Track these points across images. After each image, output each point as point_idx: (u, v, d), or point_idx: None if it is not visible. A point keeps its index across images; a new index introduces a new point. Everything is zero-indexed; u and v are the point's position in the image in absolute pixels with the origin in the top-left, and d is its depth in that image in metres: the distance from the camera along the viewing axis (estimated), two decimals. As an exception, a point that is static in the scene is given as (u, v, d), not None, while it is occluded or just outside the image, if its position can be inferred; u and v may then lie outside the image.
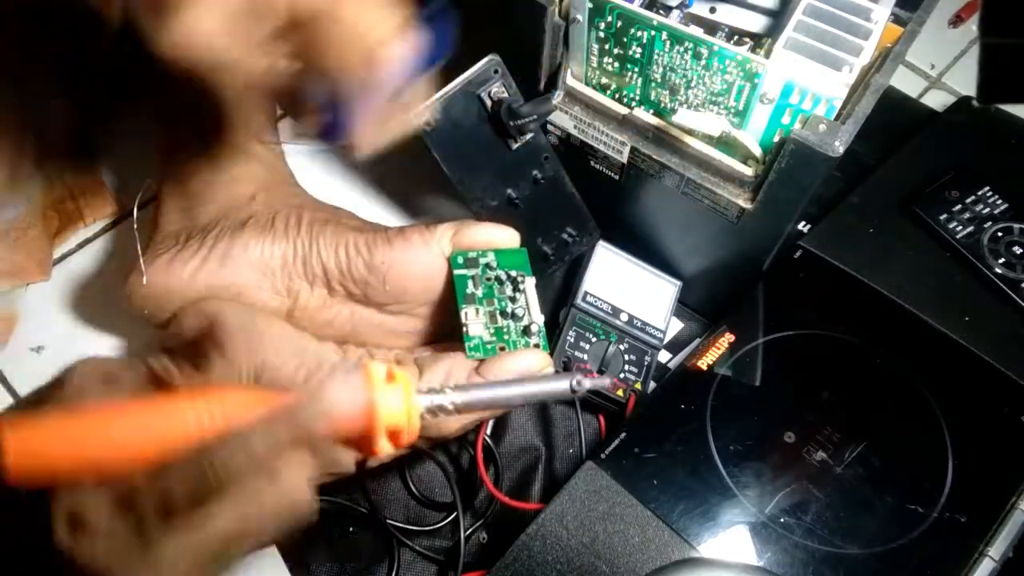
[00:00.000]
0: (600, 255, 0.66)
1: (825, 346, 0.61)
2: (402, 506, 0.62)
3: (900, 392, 0.58)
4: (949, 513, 0.53)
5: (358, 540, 0.60)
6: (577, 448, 0.62)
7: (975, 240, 0.65)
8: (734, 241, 0.58)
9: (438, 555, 0.59)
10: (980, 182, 0.68)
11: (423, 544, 0.60)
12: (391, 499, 0.62)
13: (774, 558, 0.51)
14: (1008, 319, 0.62)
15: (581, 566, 0.51)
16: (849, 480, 0.54)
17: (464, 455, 0.63)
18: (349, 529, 0.60)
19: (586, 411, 0.64)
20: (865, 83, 0.49)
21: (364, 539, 0.60)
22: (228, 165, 0.60)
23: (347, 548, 0.60)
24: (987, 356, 0.59)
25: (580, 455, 0.60)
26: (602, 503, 0.53)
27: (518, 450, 0.63)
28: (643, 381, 0.62)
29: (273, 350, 0.51)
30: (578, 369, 0.60)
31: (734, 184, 0.54)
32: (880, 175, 0.71)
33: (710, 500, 0.53)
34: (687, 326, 0.70)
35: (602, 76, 0.56)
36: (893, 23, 0.52)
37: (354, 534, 0.60)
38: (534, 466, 0.62)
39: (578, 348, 0.62)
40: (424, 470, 0.63)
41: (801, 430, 0.56)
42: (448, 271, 0.56)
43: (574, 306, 0.64)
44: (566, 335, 0.63)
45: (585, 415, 0.64)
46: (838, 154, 0.46)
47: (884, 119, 0.54)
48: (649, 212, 0.62)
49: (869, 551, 0.52)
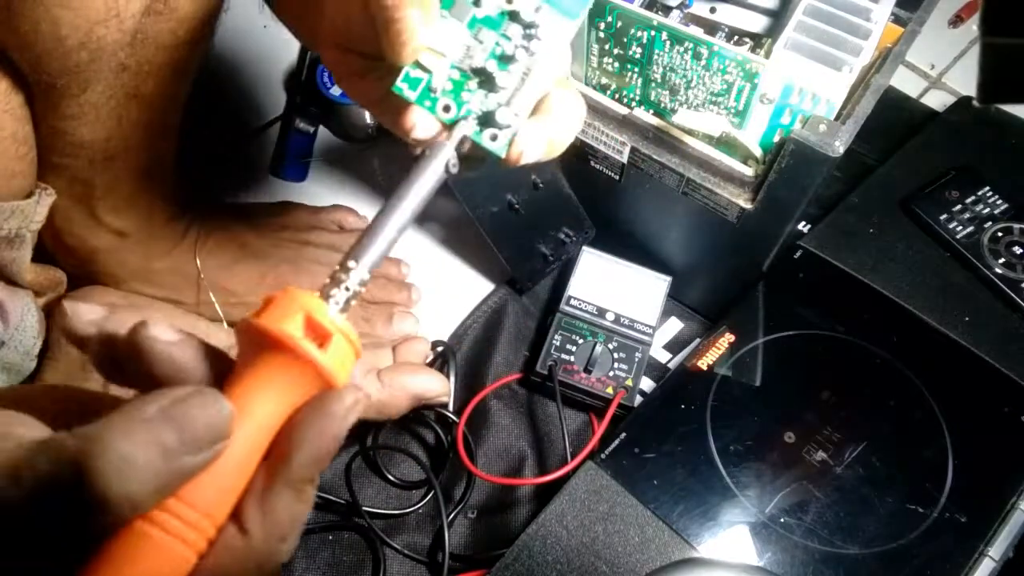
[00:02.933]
0: (585, 259, 0.67)
1: (825, 346, 0.61)
2: (381, 500, 0.63)
3: (900, 392, 0.58)
4: (949, 513, 0.53)
5: (336, 543, 0.61)
6: (561, 445, 0.62)
7: (975, 240, 0.65)
8: (734, 241, 0.58)
9: (420, 555, 0.60)
10: (980, 182, 0.68)
11: (403, 542, 0.60)
12: (370, 496, 0.63)
13: (774, 558, 0.51)
14: (1008, 319, 0.62)
15: (581, 566, 0.51)
16: (849, 480, 0.54)
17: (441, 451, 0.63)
18: (328, 537, 0.61)
19: (575, 408, 0.65)
20: (865, 83, 0.49)
21: (344, 541, 0.61)
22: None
23: (329, 552, 0.60)
24: (987, 356, 0.59)
25: (565, 454, 0.60)
26: (602, 503, 0.53)
27: (501, 449, 0.64)
28: (634, 376, 0.62)
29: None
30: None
31: (734, 184, 0.54)
32: (880, 175, 0.71)
33: (710, 500, 0.53)
34: (687, 326, 0.70)
35: (602, 76, 0.56)
36: (893, 23, 0.52)
37: (333, 541, 0.61)
38: (518, 468, 0.63)
39: (564, 351, 0.63)
40: (402, 468, 0.64)
41: (801, 430, 0.56)
42: None
43: (559, 311, 0.64)
44: (551, 340, 0.63)
45: (575, 413, 0.65)
46: (838, 154, 0.46)
47: (884, 119, 0.54)
48: (649, 212, 0.62)
49: (869, 551, 0.52)
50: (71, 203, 0.54)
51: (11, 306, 0.54)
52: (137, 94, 0.48)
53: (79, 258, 0.58)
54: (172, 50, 0.48)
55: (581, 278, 0.66)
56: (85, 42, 0.43)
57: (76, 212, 0.55)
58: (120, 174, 0.53)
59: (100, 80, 0.46)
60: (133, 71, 0.47)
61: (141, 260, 0.60)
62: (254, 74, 0.81)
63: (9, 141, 0.47)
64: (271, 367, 0.26)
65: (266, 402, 0.26)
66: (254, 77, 0.81)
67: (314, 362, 0.26)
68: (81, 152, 0.50)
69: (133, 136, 0.51)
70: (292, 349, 0.26)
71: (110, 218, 0.56)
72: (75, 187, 0.53)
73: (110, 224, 0.56)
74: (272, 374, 0.26)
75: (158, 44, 0.47)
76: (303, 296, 0.27)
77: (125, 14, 0.43)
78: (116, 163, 0.52)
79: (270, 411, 0.26)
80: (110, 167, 0.52)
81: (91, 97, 0.47)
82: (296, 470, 0.25)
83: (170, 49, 0.47)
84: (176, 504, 0.24)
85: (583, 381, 0.62)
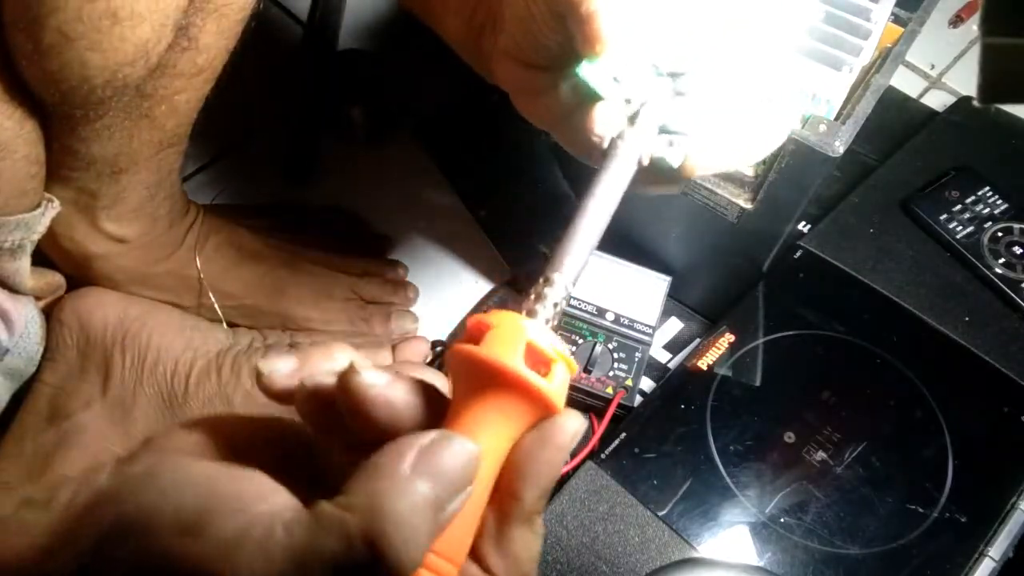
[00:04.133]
0: None
1: (825, 346, 0.61)
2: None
3: (900, 392, 0.58)
4: (949, 513, 0.53)
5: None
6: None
7: (975, 240, 0.65)
8: (734, 241, 0.58)
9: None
10: (980, 182, 0.68)
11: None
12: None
13: (774, 558, 0.51)
14: (1008, 319, 0.62)
15: (581, 566, 0.51)
16: (849, 480, 0.54)
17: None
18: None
19: (575, 408, 0.64)
20: (865, 83, 0.49)
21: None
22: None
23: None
24: (987, 356, 0.59)
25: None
26: (602, 503, 0.53)
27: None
28: (634, 376, 0.62)
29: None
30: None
31: (734, 184, 0.53)
32: (880, 175, 0.71)
33: (710, 500, 0.53)
34: (687, 326, 0.70)
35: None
36: (893, 23, 0.52)
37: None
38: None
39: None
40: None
41: (801, 430, 0.56)
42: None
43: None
44: None
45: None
46: (838, 154, 0.46)
47: (884, 119, 0.54)
48: (649, 212, 0.62)
49: (869, 551, 0.52)
50: (74, 211, 0.54)
51: (16, 315, 0.54)
52: (150, 115, 0.49)
53: (77, 263, 0.58)
54: (191, 78, 0.48)
55: (581, 278, 0.66)
56: (111, 80, 0.43)
57: (78, 220, 0.55)
58: (127, 186, 0.53)
59: (119, 108, 0.47)
60: (149, 95, 0.47)
61: (140, 265, 0.60)
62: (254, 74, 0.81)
63: (22, 163, 0.47)
64: (497, 401, 0.25)
65: (492, 436, 0.25)
66: (254, 77, 0.81)
67: (542, 395, 0.25)
68: (91, 167, 0.51)
69: (142, 152, 0.51)
70: (522, 384, 0.24)
71: (112, 227, 0.56)
72: (81, 198, 0.53)
73: (112, 232, 0.56)
74: (499, 408, 0.25)
75: (178, 73, 0.47)
76: (518, 321, 0.25)
77: (152, 53, 0.43)
78: (123, 176, 0.53)
79: (496, 445, 0.25)
80: (117, 180, 0.53)
81: (107, 121, 0.47)
82: (528, 505, 0.25)
83: (189, 77, 0.48)
84: (428, 557, 0.23)
85: (583, 381, 0.62)
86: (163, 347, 0.59)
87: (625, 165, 0.30)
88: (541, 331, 0.25)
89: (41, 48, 0.40)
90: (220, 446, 0.25)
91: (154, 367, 0.58)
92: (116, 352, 0.58)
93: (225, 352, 0.60)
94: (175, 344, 0.59)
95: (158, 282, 0.61)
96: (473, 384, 0.25)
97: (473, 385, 0.25)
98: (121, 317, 0.59)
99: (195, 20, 0.45)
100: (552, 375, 0.25)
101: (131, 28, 0.40)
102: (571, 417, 0.25)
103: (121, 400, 0.57)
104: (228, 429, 0.26)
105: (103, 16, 0.39)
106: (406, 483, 0.21)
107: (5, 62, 0.42)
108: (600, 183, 0.29)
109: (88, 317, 0.58)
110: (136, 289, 0.61)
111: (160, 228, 0.59)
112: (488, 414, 0.25)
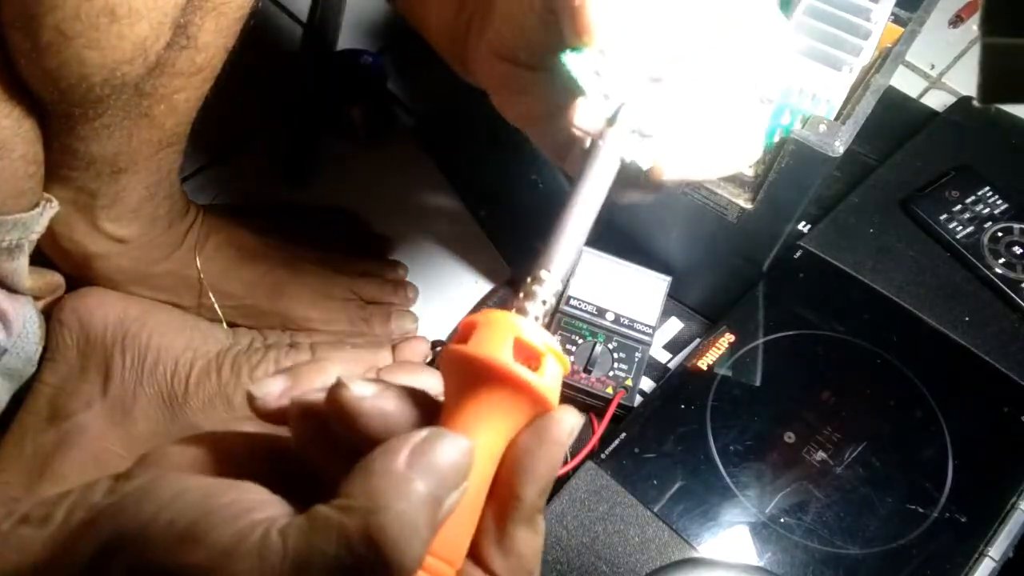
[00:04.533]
0: (585, 259, 0.66)
1: (825, 346, 0.61)
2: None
3: (900, 392, 0.58)
4: (949, 513, 0.53)
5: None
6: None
7: (975, 240, 0.65)
8: (734, 241, 0.58)
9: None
10: (980, 182, 0.68)
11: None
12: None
13: (774, 558, 0.51)
14: (1008, 319, 0.62)
15: (581, 566, 0.51)
16: (849, 480, 0.54)
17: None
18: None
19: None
20: (865, 83, 0.49)
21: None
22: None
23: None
24: (987, 356, 0.59)
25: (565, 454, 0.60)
26: (602, 503, 0.53)
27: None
28: (634, 376, 0.62)
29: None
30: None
31: (734, 184, 0.54)
32: (880, 175, 0.71)
33: (710, 500, 0.53)
34: (687, 326, 0.70)
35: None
36: (893, 23, 0.52)
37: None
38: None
39: (564, 351, 0.62)
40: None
41: (801, 430, 0.56)
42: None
43: (558, 311, 0.64)
44: None
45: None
46: (838, 154, 0.46)
47: (884, 119, 0.54)
48: (649, 212, 0.62)
49: (869, 551, 0.52)
50: (73, 211, 0.54)
51: (14, 315, 0.54)
52: (149, 114, 0.49)
53: (76, 263, 0.58)
54: (190, 76, 0.48)
55: (581, 278, 0.66)
56: (109, 78, 0.43)
57: (77, 220, 0.55)
58: (126, 186, 0.53)
59: (118, 107, 0.47)
60: (148, 93, 0.47)
61: (140, 265, 0.60)
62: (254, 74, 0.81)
63: (20, 162, 0.47)
64: (488, 397, 0.25)
65: (486, 433, 0.24)
66: (254, 77, 0.81)
67: (532, 388, 0.24)
68: (90, 167, 0.51)
69: (141, 151, 0.51)
70: (510, 378, 0.24)
71: (112, 227, 0.56)
72: (80, 197, 0.53)
73: (111, 232, 0.56)
74: (490, 404, 0.25)
75: (176, 72, 0.47)
76: (506, 317, 0.25)
77: (151, 51, 0.43)
78: (123, 176, 0.52)
79: (490, 442, 0.25)
80: (117, 180, 0.53)
81: (105, 120, 0.47)
82: (528, 503, 0.24)
83: (188, 76, 0.48)
84: (426, 559, 0.22)
85: (583, 381, 0.62)
86: (163, 347, 0.59)
87: (607, 164, 0.30)
88: (530, 326, 0.25)
89: (39, 46, 0.40)
90: (215, 461, 0.25)
91: (154, 367, 0.58)
92: (116, 352, 0.58)
93: (225, 352, 0.60)
94: (175, 344, 0.59)
95: (158, 282, 0.61)
96: (463, 382, 0.25)
97: (463, 383, 0.25)
98: (121, 317, 0.59)
99: (194, 18, 0.45)
100: (543, 369, 0.25)
101: (129, 26, 0.40)
102: (567, 412, 0.25)
103: (121, 400, 0.57)
104: (223, 445, 0.26)
105: (101, 14, 0.39)
106: (402, 481, 0.21)
107: (3, 61, 0.42)
108: (584, 182, 0.29)
109: (88, 317, 0.58)
110: (136, 289, 0.61)
111: (160, 228, 0.59)
112: (480, 411, 0.25)
